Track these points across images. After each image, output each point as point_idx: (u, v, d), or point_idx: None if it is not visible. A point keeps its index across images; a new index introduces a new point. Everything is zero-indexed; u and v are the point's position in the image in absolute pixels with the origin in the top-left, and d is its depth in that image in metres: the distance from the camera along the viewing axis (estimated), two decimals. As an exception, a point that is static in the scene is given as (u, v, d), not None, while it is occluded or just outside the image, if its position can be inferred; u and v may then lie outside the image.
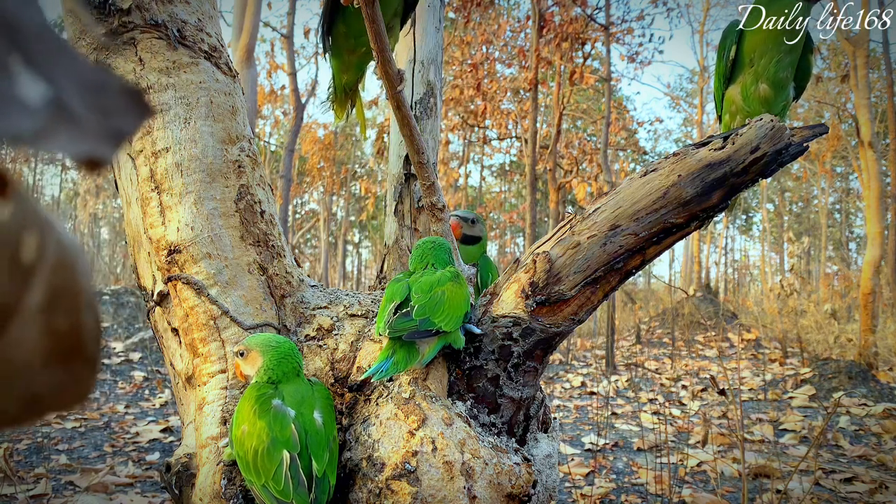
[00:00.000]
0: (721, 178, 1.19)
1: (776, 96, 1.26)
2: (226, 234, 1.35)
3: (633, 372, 7.54)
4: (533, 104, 8.30)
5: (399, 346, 1.18)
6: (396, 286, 1.25)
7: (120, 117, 0.19)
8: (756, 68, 1.26)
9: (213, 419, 1.26)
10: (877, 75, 12.41)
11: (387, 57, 1.27)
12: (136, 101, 0.19)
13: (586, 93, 14.88)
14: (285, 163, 9.05)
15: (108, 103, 0.19)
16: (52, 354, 0.17)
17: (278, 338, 1.24)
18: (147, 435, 4.38)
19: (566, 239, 1.25)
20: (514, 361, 1.24)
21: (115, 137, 0.18)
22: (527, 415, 1.29)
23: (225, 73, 1.46)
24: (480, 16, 10.42)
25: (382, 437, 1.16)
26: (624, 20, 10.44)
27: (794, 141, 1.21)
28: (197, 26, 1.44)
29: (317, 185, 18.92)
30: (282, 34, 10.11)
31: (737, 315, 12.22)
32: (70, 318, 0.17)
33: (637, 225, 1.21)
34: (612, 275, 1.24)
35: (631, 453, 4.09)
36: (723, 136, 1.23)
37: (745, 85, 1.28)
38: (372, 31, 1.21)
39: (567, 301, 1.24)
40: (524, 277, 1.25)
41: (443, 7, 1.96)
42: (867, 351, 6.63)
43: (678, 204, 1.20)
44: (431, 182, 1.47)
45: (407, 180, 1.78)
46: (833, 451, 4.02)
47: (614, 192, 1.28)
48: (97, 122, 0.18)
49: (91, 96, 0.18)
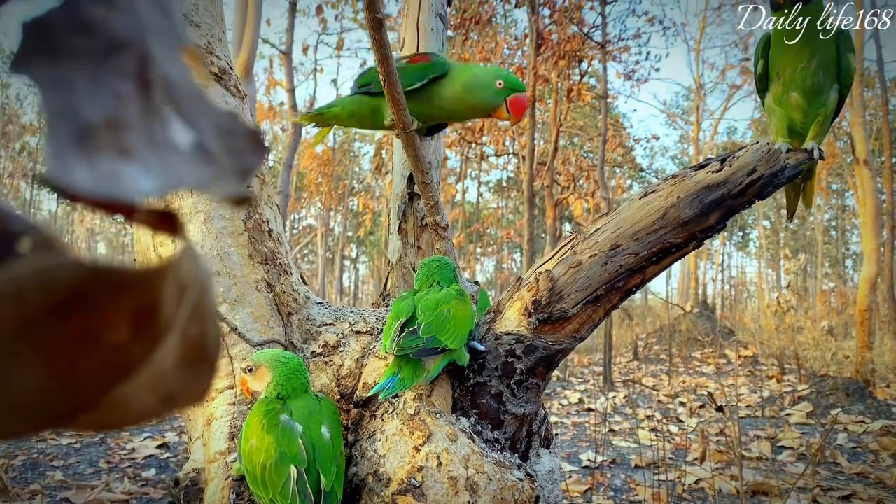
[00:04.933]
0: (719, 199, 1.23)
1: (810, 103, 1.27)
2: (234, 253, 1.38)
3: (631, 388, 7.54)
4: (530, 121, 8.36)
5: (405, 364, 1.21)
6: (402, 304, 1.27)
7: (246, 156, 0.22)
8: (783, 79, 1.28)
9: (221, 434, 1.28)
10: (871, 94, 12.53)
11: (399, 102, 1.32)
12: (257, 142, 0.22)
13: (583, 110, 15.00)
14: (283, 178, 9.09)
15: (236, 144, 0.22)
16: (185, 359, 0.20)
17: (287, 354, 1.26)
18: (143, 451, 4.36)
19: (568, 258, 1.28)
20: (517, 378, 1.26)
21: (244, 174, 0.21)
22: (529, 431, 1.31)
23: (234, 94, 1.50)
24: (479, 34, 10.53)
25: (388, 452, 1.19)
26: (620, 38, 10.54)
27: (789, 164, 1.24)
28: (207, 49, 1.48)
29: (315, 200, 18.97)
30: (280, 51, 10.19)
31: (734, 332, 12.24)
32: (200, 328, 0.20)
33: (637, 245, 1.24)
34: (612, 293, 1.26)
35: (629, 470, 4.09)
36: (720, 158, 1.26)
37: (777, 95, 1.31)
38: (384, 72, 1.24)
39: (569, 319, 1.26)
40: (527, 296, 1.27)
41: (445, 30, 2.01)
42: (864, 368, 6.64)
43: (677, 224, 1.23)
44: (435, 201, 1.50)
45: (410, 199, 1.82)
46: (831, 469, 4.03)
47: (615, 212, 1.31)
48: (230, 161, 0.21)
49: (224, 139, 0.21)
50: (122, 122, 0.19)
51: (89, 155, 0.17)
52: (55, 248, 0.20)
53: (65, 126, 0.17)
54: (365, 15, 1.28)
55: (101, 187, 0.17)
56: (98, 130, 0.18)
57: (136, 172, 0.18)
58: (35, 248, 0.20)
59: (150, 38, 0.20)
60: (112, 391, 0.19)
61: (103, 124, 0.18)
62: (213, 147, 0.21)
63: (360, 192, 18.79)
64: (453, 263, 1.39)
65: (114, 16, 0.19)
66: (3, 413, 0.18)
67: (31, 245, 0.20)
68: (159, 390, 0.20)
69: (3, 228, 0.21)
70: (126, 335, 0.19)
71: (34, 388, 0.18)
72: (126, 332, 0.19)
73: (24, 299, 0.17)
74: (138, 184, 0.18)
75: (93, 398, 0.19)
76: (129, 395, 0.20)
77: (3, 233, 0.20)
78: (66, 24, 0.18)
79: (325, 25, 12.21)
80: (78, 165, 0.17)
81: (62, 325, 0.17)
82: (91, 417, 0.19)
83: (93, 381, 0.19)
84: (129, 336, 0.19)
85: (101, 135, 0.18)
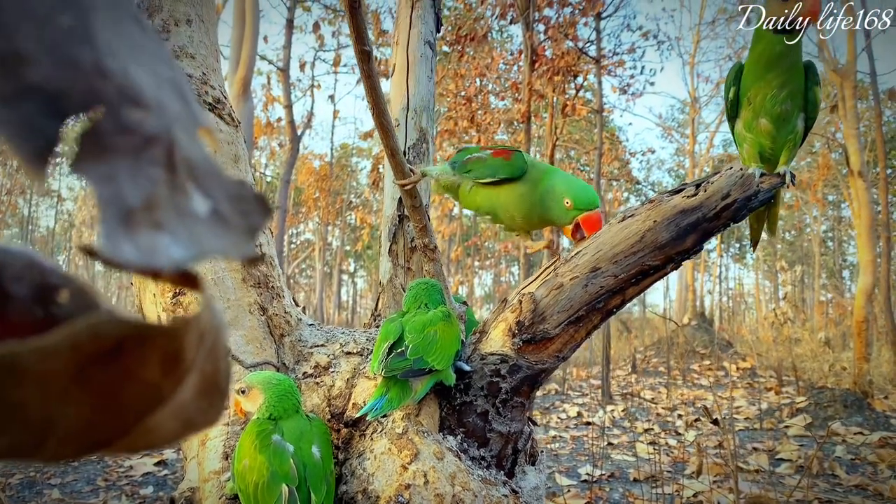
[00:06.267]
0: (694, 223, 1.27)
1: (779, 129, 1.32)
2: (228, 277, 1.43)
3: (629, 401, 7.55)
4: (526, 136, 8.44)
5: (393, 384, 1.25)
6: (390, 326, 1.32)
7: (254, 217, 0.26)
8: (753, 105, 1.33)
9: (215, 454, 1.32)
10: (865, 105, 12.64)
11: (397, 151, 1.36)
12: (262, 204, 0.27)
13: (579, 123, 15.10)
14: (281, 194, 9.15)
15: (245, 207, 0.26)
16: (201, 390, 0.24)
17: (278, 375, 1.30)
18: (141, 468, 4.37)
19: (550, 280, 1.32)
20: (503, 397, 1.30)
21: (254, 232, 0.26)
22: (515, 448, 1.35)
23: (228, 122, 1.55)
24: (474, 50, 10.63)
25: (377, 470, 1.22)
26: (615, 53, 10.63)
27: (762, 188, 1.29)
28: (202, 79, 1.53)
29: (312, 215, 19.04)
30: (278, 67, 10.30)
31: (732, 344, 12.24)
32: (214, 365, 0.24)
33: (616, 267, 1.29)
34: (594, 314, 1.31)
35: (627, 484, 4.10)
36: (695, 183, 1.31)
37: (747, 120, 1.35)
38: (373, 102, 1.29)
39: (552, 339, 1.31)
40: (511, 317, 1.32)
41: (434, 58, 2.07)
42: (862, 379, 6.64)
43: (654, 247, 1.28)
44: (424, 224, 1.54)
45: (401, 221, 1.86)
46: (829, 481, 4.03)
47: (594, 236, 1.35)
48: (241, 223, 0.25)
49: (235, 203, 0.26)
50: (155, 203, 0.23)
51: (131, 233, 0.22)
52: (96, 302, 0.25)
53: (112, 211, 0.22)
54: (354, 48, 1.33)
55: (141, 259, 0.22)
56: (137, 212, 0.22)
57: (168, 243, 0.23)
58: (72, 297, 0.25)
59: (174, 128, 0.25)
60: (145, 420, 0.23)
61: (141, 206, 0.23)
62: (226, 212, 0.25)
63: (357, 206, 18.87)
64: (441, 285, 1.43)
65: (148, 116, 0.24)
66: (56, 440, 0.22)
67: (69, 295, 0.25)
68: (181, 417, 0.24)
69: (45, 282, 0.25)
70: (157, 375, 0.23)
71: (83, 420, 0.22)
72: (157, 373, 0.23)
73: (79, 349, 0.21)
74: (170, 253, 0.22)
75: (129, 426, 0.23)
76: (157, 422, 0.24)
77: (46, 285, 0.25)
78: (111, 128, 0.23)
79: (321, 42, 12.35)
80: (123, 243, 0.22)
81: (107, 368, 0.22)
82: (126, 442, 0.24)
83: (129, 412, 0.23)
84: (160, 375, 0.23)
85: (139, 215, 0.22)
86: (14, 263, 0.26)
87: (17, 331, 0.25)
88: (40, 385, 0.21)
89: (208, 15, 1.63)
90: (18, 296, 0.25)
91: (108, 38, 0.24)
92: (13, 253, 0.26)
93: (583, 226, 1.37)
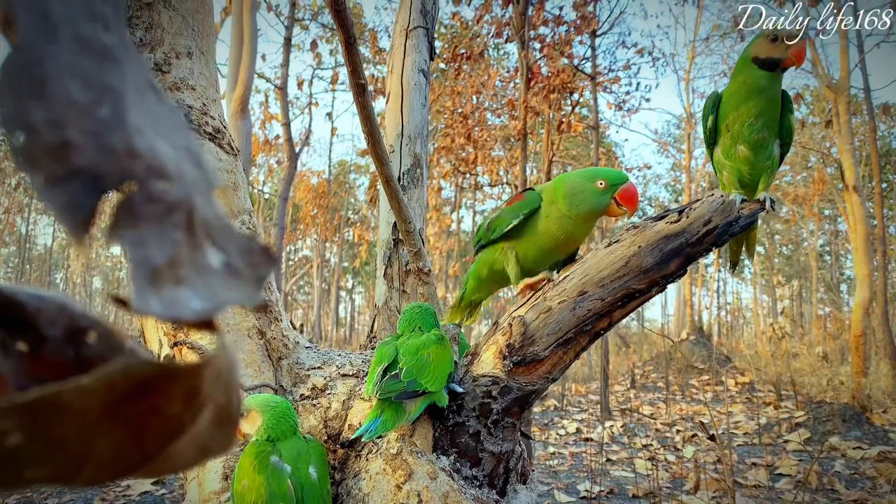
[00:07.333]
0: (678, 248, 1.32)
1: (756, 156, 1.38)
2: (227, 302, 1.47)
3: (628, 417, 7.56)
4: (522, 153, 8.51)
5: (387, 406, 1.29)
6: (385, 349, 1.36)
7: (261, 267, 0.30)
8: (731, 132, 1.39)
9: (215, 475, 1.35)
10: (859, 120, 12.74)
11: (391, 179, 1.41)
12: (268, 255, 0.30)
13: (576, 139, 15.20)
14: (279, 211, 9.20)
15: (254, 259, 0.30)
16: (216, 420, 0.28)
17: (276, 398, 1.34)
18: (138, 487, 4.37)
19: (539, 304, 1.37)
20: (494, 418, 1.34)
21: (261, 280, 0.30)
22: (506, 468, 1.38)
23: (227, 152, 1.60)
24: (471, 67, 10.73)
25: (372, 490, 1.26)
26: (610, 69, 10.73)
27: (743, 214, 1.34)
28: (202, 110, 1.58)
29: (310, 232, 19.09)
30: (276, 85, 10.39)
31: (730, 358, 12.24)
32: (227, 398, 0.28)
33: (603, 291, 1.33)
34: (582, 336, 1.35)
35: (626, 500, 4.11)
36: (678, 210, 1.36)
37: (726, 147, 1.41)
38: (368, 132, 1.34)
39: (541, 361, 1.35)
40: (501, 340, 1.36)
41: (427, 85, 2.12)
42: (860, 393, 6.66)
43: (639, 272, 1.32)
44: (418, 248, 1.59)
45: (395, 245, 1.91)
46: (829, 496, 4.05)
47: (581, 261, 1.40)
48: (250, 273, 0.29)
49: (244, 256, 0.29)
50: (177, 261, 0.27)
51: (158, 289, 0.26)
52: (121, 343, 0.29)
53: (142, 271, 0.26)
54: (349, 81, 1.38)
55: (166, 312, 0.26)
56: (162, 270, 0.27)
57: (189, 296, 0.27)
58: (100, 338, 0.29)
59: (193, 193, 0.29)
60: (167, 448, 0.27)
61: (165, 265, 0.27)
62: (237, 264, 0.29)
63: (355, 223, 18.93)
64: (434, 309, 1.48)
65: (171, 186, 0.28)
66: (91, 468, 0.26)
67: (97, 336, 0.29)
68: (197, 445, 0.28)
69: (76, 325, 0.30)
70: (179, 408, 0.27)
71: (114, 449, 0.26)
72: (179, 406, 0.27)
73: (114, 388, 0.25)
74: (191, 305, 0.26)
75: (153, 454, 0.27)
76: (177, 450, 0.27)
77: (77, 328, 0.29)
78: (141, 199, 0.27)
79: (319, 60, 12.48)
80: (151, 298, 0.26)
81: (136, 403, 0.26)
82: (150, 468, 0.28)
83: (154, 442, 0.27)
84: (181, 409, 0.27)
85: (164, 273, 0.27)
86: (48, 308, 0.30)
87: (52, 369, 0.30)
88: (79, 420, 0.25)
89: (208, 47, 1.69)
90: (52, 337, 0.30)
91: (136, 119, 0.29)
92: (47, 299, 0.31)
93: (621, 200, 1.40)
